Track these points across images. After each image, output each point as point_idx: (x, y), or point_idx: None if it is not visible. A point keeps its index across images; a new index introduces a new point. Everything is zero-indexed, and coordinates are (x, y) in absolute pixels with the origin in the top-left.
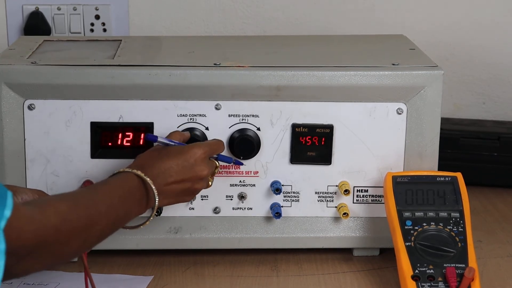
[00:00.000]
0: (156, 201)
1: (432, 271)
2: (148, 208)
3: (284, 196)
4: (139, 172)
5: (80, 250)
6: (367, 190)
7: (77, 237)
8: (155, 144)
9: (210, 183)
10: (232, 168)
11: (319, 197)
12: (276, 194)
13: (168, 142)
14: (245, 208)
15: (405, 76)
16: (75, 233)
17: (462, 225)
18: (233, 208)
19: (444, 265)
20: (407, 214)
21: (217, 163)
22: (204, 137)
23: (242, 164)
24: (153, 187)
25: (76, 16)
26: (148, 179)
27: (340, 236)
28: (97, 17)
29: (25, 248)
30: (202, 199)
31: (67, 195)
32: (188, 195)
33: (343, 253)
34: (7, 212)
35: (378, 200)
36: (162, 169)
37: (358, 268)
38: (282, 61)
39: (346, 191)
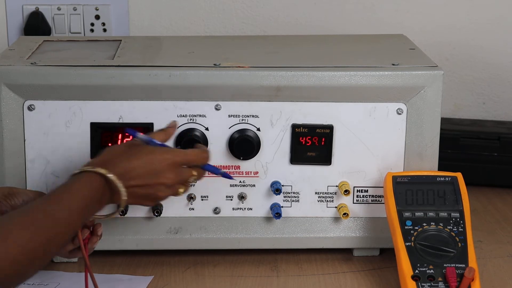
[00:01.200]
0: (123, 199)
1: (432, 271)
2: (111, 202)
3: (284, 197)
4: (102, 171)
5: (35, 272)
6: (367, 190)
7: (35, 264)
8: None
9: (181, 190)
10: (232, 169)
11: (319, 197)
12: (276, 194)
13: (147, 139)
14: (245, 209)
15: (405, 76)
16: (33, 262)
17: (462, 225)
18: (233, 208)
19: (444, 265)
20: (407, 214)
21: (194, 172)
22: (204, 138)
23: (230, 178)
24: (121, 186)
25: (76, 16)
26: (112, 175)
27: (340, 236)
28: (97, 17)
29: None
30: (202, 200)
31: (26, 218)
32: (150, 200)
33: (343, 253)
34: None
35: (378, 200)
36: (125, 169)
37: (358, 268)
38: (282, 61)
39: (346, 191)
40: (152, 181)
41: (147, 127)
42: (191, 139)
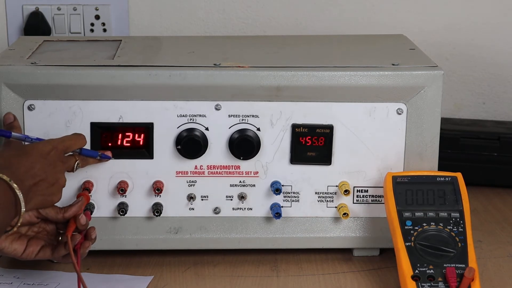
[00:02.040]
0: (23, 211)
1: (432, 271)
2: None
3: (284, 196)
4: (5, 177)
5: None
6: (367, 190)
7: None
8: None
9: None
10: (232, 169)
11: (319, 197)
12: (276, 194)
13: (26, 137)
14: (245, 209)
15: (405, 76)
16: None
17: (462, 225)
18: (233, 208)
19: (444, 265)
20: (407, 214)
21: (75, 158)
22: (204, 138)
23: (109, 158)
24: (20, 195)
25: (76, 16)
26: (14, 185)
27: (340, 236)
28: (97, 17)
29: None
30: (202, 200)
31: None
32: (54, 193)
33: (343, 253)
34: None
35: (378, 200)
36: (26, 168)
37: (358, 268)
38: (282, 61)
39: (346, 191)
40: (50, 171)
41: (147, 127)
42: (191, 139)
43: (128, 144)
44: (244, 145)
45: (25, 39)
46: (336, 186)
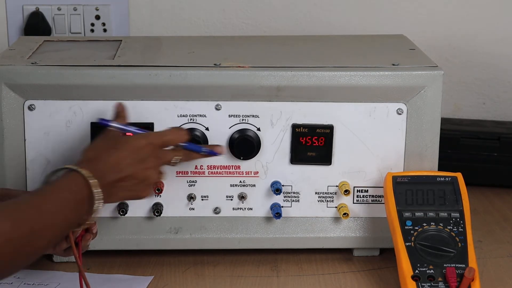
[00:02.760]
0: (96, 205)
1: (432, 271)
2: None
3: (284, 197)
4: (83, 172)
5: (27, 262)
6: (367, 190)
7: (22, 253)
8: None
9: (162, 174)
10: (232, 168)
11: (319, 197)
12: (276, 194)
13: (124, 128)
14: (245, 208)
15: (405, 76)
16: (18, 252)
17: (462, 225)
18: (233, 208)
19: (444, 265)
20: (407, 214)
21: (176, 153)
22: (204, 137)
23: (216, 154)
24: (97, 190)
25: (76, 16)
26: (93, 181)
27: (340, 236)
28: (97, 17)
29: None
30: (202, 199)
31: (11, 208)
32: (143, 189)
33: (343, 253)
34: None
35: (378, 200)
36: (112, 163)
37: (358, 268)
38: (282, 62)
39: (346, 191)
40: (140, 167)
41: (147, 127)
42: (191, 139)
43: None
44: (244, 145)
45: (25, 39)
46: (336, 186)
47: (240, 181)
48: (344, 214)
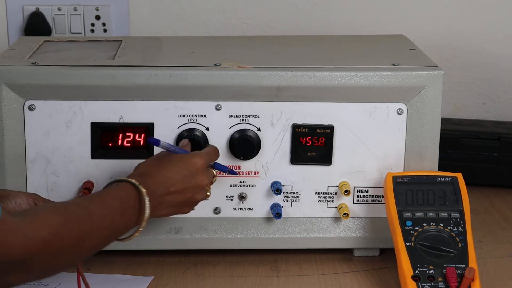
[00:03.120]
0: (146, 213)
1: (432, 271)
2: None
3: (284, 197)
4: (133, 181)
5: (70, 263)
6: (367, 190)
7: (67, 252)
8: (158, 147)
9: (208, 193)
10: (232, 169)
11: (319, 197)
12: (276, 194)
13: (172, 148)
14: (245, 209)
15: (405, 76)
16: (65, 248)
17: (462, 225)
18: (233, 208)
19: (444, 265)
20: (407, 214)
21: (214, 172)
22: (204, 138)
23: (236, 174)
24: (146, 198)
25: (76, 17)
26: (143, 189)
27: (340, 236)
28: (98, 17)
29: (11, 261)
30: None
31: (60, 206)
32: (188, 206)
33: (343, 253)
34: None
35: (378, 201)
36: (164, 178)
37: (358, 268)
38: (282, 62)
39: (347, 192)
40: (190, 185)
41: (147, 127)
42: (192, 139)
43: (129, 145)
44: (245, 145)
45: (25, 39)
46: (336, 186)
47: (240, 181)
48: (344, 214)
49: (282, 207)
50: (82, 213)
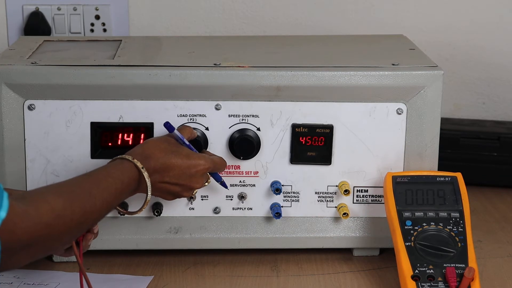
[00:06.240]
0: (148, 196)
1: (432, 271)
2: (137, 193)
3: (284, 196)
4: (138, 164)
5: (71, 241)
6: (367, 190)
7: (70, 232)
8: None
9: (194, 193)
10: (232, 168)
11: (319, 197)
12: (276, 194)
13: (182, 140)
14: (245, 208)
15: (405, 76)
16: (68, 229)
17: (462, 225)
18: (233, 208)
19: (444, 265)
20: (407, 214)
21: (209, 178)
22: (204, 137)
23: (227, 188)
24: (148, 181)
25: (76, 16)
26: (145, 173)
27: (340, 236)
28: (97, 17)
29: (19, 244)
30: (202, 199)
31: (64, 187)
32: (172, 196)
33: (343, 253)
34: (3, 214)
35: (378, 200)
36: (164, 165)
37: (358, 268)
38: (282, 61)
39: (346, 191)
40: (183, 182)
41: (147, 127)
42: (192, 139)
43: (129, 144)
44: (244, 145)
45: (25, 39)
46: (336, 186)
47: (240, 181)
48: (344, 214)
49: (282, 207)
50: (84, 196)
